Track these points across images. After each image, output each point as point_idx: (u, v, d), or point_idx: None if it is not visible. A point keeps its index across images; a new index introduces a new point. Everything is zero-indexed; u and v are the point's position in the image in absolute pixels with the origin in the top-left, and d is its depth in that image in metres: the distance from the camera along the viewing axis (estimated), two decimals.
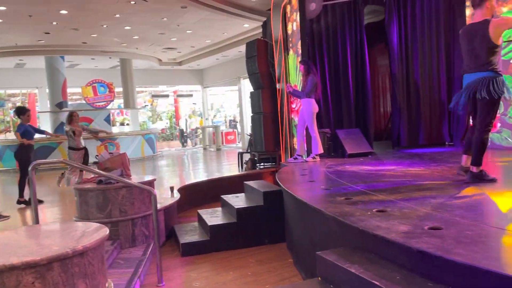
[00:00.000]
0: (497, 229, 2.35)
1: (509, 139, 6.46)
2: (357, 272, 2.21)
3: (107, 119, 15.16)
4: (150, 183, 4.87)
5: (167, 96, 21.85)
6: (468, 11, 7.10)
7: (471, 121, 4.07)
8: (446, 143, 7.67)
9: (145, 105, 22.42)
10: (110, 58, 15.84)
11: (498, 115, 6.51)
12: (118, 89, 16.69)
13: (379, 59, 9.53)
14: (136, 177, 5.31)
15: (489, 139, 6.56)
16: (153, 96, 21.59)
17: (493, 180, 3.71)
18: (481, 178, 3.71)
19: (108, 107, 15.32)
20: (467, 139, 3.99)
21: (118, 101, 19.77)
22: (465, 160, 3.93)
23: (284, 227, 4.79)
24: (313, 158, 6.44)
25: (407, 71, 7.72)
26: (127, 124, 19.21)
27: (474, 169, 3.74)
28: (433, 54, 7.62)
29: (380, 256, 2.37)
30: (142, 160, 14.42)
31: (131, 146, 14.35)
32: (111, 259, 4.01)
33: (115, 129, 18.10)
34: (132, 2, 9.42)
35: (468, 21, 7.13)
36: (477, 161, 3.74)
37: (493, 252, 2.02)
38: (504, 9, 6.40)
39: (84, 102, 14.97)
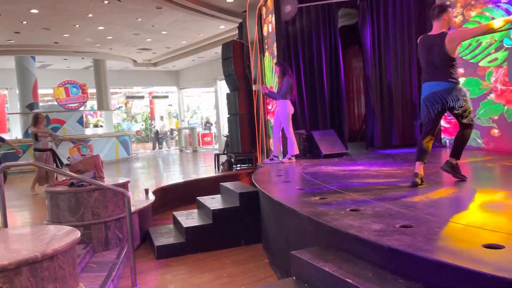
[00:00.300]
0: (465, 226, 2.42)
1: (478, 140, 6.66)
2: (331, 270, 2.23)
3: (80, 121, 14.85)
4: (124, 185, 4.80)
5: (142, 97, 21.58)
6: None
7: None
8: None
9: (120, 107, 22.08)
10: (83, 58, 15.55)
11: None
12: (92, 90, 16.38)
13: (353, 61, 9.67)
14: (109, 180, 5.22)
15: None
16: (128, 97, 21.29)
17: (462, 177, 3.94)
18: (457, 171, 3.99)
19: (81, 109, 15.02)
20: (418, 146, 4.05)
21: (92, 103, 19.40)
22: (418, 166, 3.94)
23: (260, 228, 4.80)
24: (289, 159, 6.48)
25: (380, 73, 7.87)
26: (101, 126, 18.86)
27: (454, 161, 4.02)
28: (405, 57, 7.80)
29: (353, 255, 2.41)
30: (116, 162, 14.18)
31: (105, 148, 14.10)
32: (84, 263, 3.93)
33: (88, 131, 17.75)
34: (106, 2, 9.28)
35: None
36: (458, 155, 4.07)
37: (461, 248, 2.08)
38: (473, 13, 6.61)
39: (56, 103, 14.62)
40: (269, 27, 7.50)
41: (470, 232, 2.32)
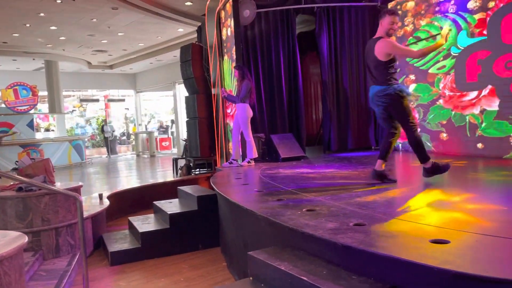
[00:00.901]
0: (414, 223, 2.52)
1: (428, 143, 6.97)
2: (286, 269, 2.25)
3: (30, 124, 14.16)
4: (76, 189, 4.63)
5: (97, 100, 20.92)
6: None
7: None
8: (372, 147, 8.11)
9: (73, 110, 21.30)
10: (33, 59, 14.91)
11: (418, 120, 7.02)
12: (43, 93, 15.70)
13: (311, 67, 9.86)
14: (61, 184, 5.02)
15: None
16: (82, 100, 20.57)
17: (446, 167, 3.97)
18: (437, 169, 3.98)
19: (31, 112, 14.35)
20: (381, 145, 4.21)
21: (43, 106, 18.59)
22: (379, 164, 4.08)
23: (219, 232, 4.78)
24: (248, 162, 6.50)
25: (336, 78, 8.07)
26: (52, 130, 18.07)
27: (427, 165, 3.98)
28: (360, 63, 8.05)
29: (308, 253, 2.45)
30: (69, 167, 13.64)
31: (57, 153, 13.53)
32: (32, 271, 3.75)
33: (39, 135, 16.98)
34: (58, 1, 8.95)
35: None
36: (424, 158, 3.98)
37: (410, 244, 2.16)
38: (423, 22, 6.93)
39: (3, 106, 13.89)
40: (228, 31, 7.51)
41: (418, 229, 2.41)
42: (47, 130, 19.96)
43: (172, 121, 20.94)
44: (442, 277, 1.74)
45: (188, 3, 9.57)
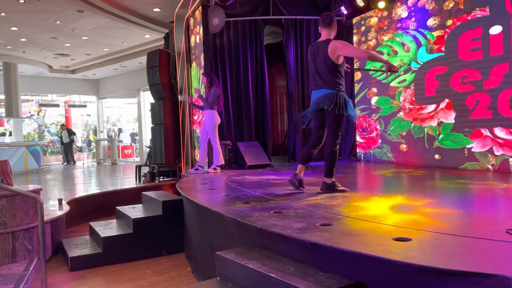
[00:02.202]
0: (378, 224, 2.61)
1: (389, 154, 7.22)
2: (255, 267, 2.27)
3: None
4: (35, 192, 4.45)
5: (57, 105, 20.24)
6: (355, 37, 7.88)
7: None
8: None
9: (31, 115, 20.49)
10: None
11: (379, 132, 7.27)
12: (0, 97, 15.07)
13: (278, 79, 10.02)
14: (18, 187, 4.81)
15: (371, 153, 7.25)
16: (41, 105, 19.84)
17: (344, 191, 3.97)
18: (333, 189, 3.99)
19: None
20: (305, 151, 4.24)
21: (0, 109, 17.81)
22: (299, 169, 4.16)
23: (183, 237, 4.72)
24: (214, 169, 6.49)
25: (302, 89, 8.24)
26: (10, 135, 17.29)
27: (328, 180, 4.02)
28: None
29: (276, 252, 2.48)
30: (25, 173, 13.08)
31: (13, 158, 12.94)
32: None
33: None
34: (21, 1, 8.67)
35: (355, 46, 7.90)
36: (329, 173, 4.01)
37: (374, 242, 2.24)
38: (385, 38, 7.22)
39: None
40: (196, 38, 7.52)
41: (382, 228, 2.50)
42: (2, 135, 19.11)
43: (120, 130, 20.54)
44: (405, 271, 1.82)
45: (156, 9, 9.53)
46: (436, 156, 6.33)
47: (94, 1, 8.73)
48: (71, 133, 16.92)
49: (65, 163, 16.54)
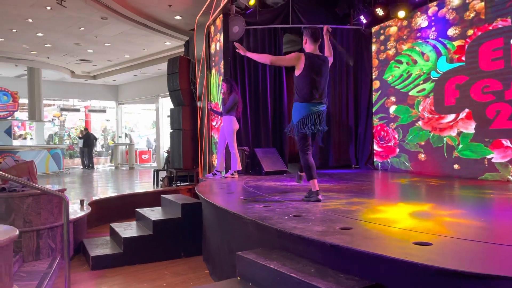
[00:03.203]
0: (398, 229, 2.64)
1: (407, 163, 7.19)
2: (275, 267, 2.32)
3: (8, 131, 13.89)
4: (60, 192, 4.58)
5: (77, 110, 20.67)
6: (374, 46, 7.90)
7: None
8: (353, 165, 8.29)
9: (53, 119, 20.96)
10: (16, 66, 14.70)
11: (397, 141, 7.25)
12: (23, 101, 15.45)
13: None
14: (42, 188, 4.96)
15: (389, 162, 7.23)
16: (62, 109, 20.27)
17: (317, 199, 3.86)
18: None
19: (9, 118, 14.09)
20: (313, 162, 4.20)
21: (22, 113, 18.26)
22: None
23: (201, 240, 4.79)
24: (232, 174, 6.56)
25: None
26: (31, 139, 17.70)
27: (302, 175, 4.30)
28: (343, 82, 8.30)
29: (296, 254, 2.52)
30: (46, 176, 13.38)
31: (35, 161, 13.25)
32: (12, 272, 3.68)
33: (16, 143, 16.63)
34: (48, 8, 8.95)
35: (374, 55, 7.94)
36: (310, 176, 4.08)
37: (395, 245, 2.27)
38: (404, 47, 7.23)
39: None
40: (217, 45, 7.65)
41: (402, 233, 2.52)
42: (23, 138, 19.57)
43: (126, 134, 20.80)
44: (425, 273, 1.84)
45: (178, 17, 9.72)
46: (455, 166, 6.28)
47: (118, 9, 8.96)
48: (93, 137, 17.18)
49: (85, 167, 16.81)
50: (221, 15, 7.26)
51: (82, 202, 5.97)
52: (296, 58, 3.97)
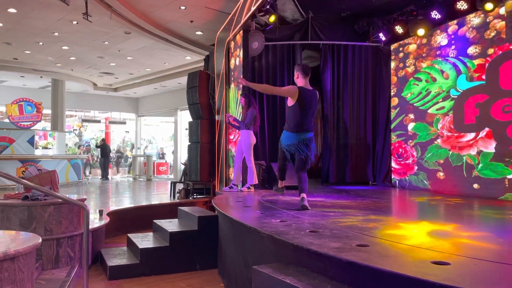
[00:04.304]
0: (416, 247, 2.62)
1: (425, 181, 7.11)
2: (292, 282, 2.33)
3: (31, 141, 14.23)
4: (81, 201, 4.68)
5: (98, 121, 21.10)
6: (393, 64, 7.91)
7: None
8: (370, 182, 8.23)
9: (74, 129, 21.44)
10: (41, 77, 15.15)
11: (415, 158, 7.19)
12: (46, 111, 15.86)
13: None
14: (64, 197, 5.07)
15: (407, 179, 7.16)
16: (83, 120, 20.74)
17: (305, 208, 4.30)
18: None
19: (32, 128, 14.47)
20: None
21: (45, 124, 18.73)
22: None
23: (217, 253, 4.81)
24: (248, 188, 6.59)
25: (338, 113, 8.29)
26: (50, 148, 18.11)
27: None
28: (361, 99, 8.30)
29: (312, 270, 2.53)
30: (66, 186, 13.63)
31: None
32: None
33: (37, 152, 17.03)
34: (74, 22, 9.26)
35: (393, 72, 7.94)
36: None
37: (412, 263, 2.26)
38: (424, 65, 7.21)
39: (7, 120, 14.01)
40: (236, 61, 7.77)
41: (420, 252, 2.51)
42: (45, 148, 20.02)
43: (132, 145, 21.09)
44: None
45: (199, 33, 9.92)
46: (475, 186, 6.19)
47: (141, 24, 9.20)
48: (108, 149, 17.42)
49: (105, 178, 17.02)
50: (241, 31, 7.39)
51: (101, 212, 6.08)
52: (293, 91, 4.54)
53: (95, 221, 5.75)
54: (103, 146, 17.08)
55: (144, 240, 5.07)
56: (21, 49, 11.82)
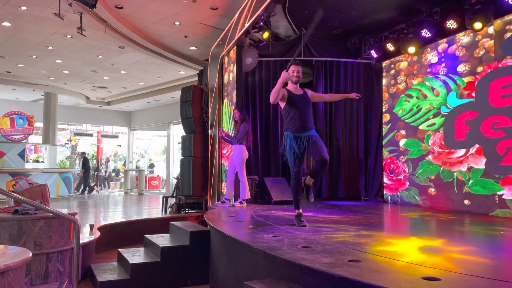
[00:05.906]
0: (407, 263, 2.63)
1: (417, 197, 7.15)
2: None
3: (22, 154, 14.12)
4: (72, 216, 4.64)
5: (90, 135, 21.00)
6: (385, 80, 8.02)
7: None
8: (362, 198, 8.25)
9: (66, 143, 21.31)
10: (34, 90, 15.11)
11: (407, 174, 7.24)
12: (38, 124, 15.77)
13: None
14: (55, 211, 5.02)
15: (399, 195, 7.20)
16: (75, 134, 20.63)
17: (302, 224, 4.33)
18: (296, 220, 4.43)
19: (23, 141, 14.37)
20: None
21: (36, 137, 18.60)
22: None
23: (209, 268, 4.78)
24: (240, 203, 6.58)
25: (330, 129, 8.36)
26: (42, 161, 17.97)
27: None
28: (353, 115, 8.38)
29: (304, 285, 2.53)
30: (56, 200, 13.49)
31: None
32: None
33: (28, 165, 16.87)
34: (69, 36, 9.30)
35: (384, 89, 8.05)
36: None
37: (404, 279, 2.27)
38: (415, 82, 7.32)
39: None
40: (230, 76, 7.84)
41: (411, 268, 2.52)
42: (35, 161, 19.84)
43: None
44: None
45: (193, 48, 10.00)
46: (466, 202, 6.24)
47: (135, 38, 9.26)
48: (88, 163, 16.72)
49: (81, 192, 16.28)
50: (235, 47, 7.47)
51: (91, 226, 6.02)
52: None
53: (85, 235, 5.69)
54: (84, 160, 16.58)
55: (135, 255, 5.02)
56: (14, 62, 11.81)
